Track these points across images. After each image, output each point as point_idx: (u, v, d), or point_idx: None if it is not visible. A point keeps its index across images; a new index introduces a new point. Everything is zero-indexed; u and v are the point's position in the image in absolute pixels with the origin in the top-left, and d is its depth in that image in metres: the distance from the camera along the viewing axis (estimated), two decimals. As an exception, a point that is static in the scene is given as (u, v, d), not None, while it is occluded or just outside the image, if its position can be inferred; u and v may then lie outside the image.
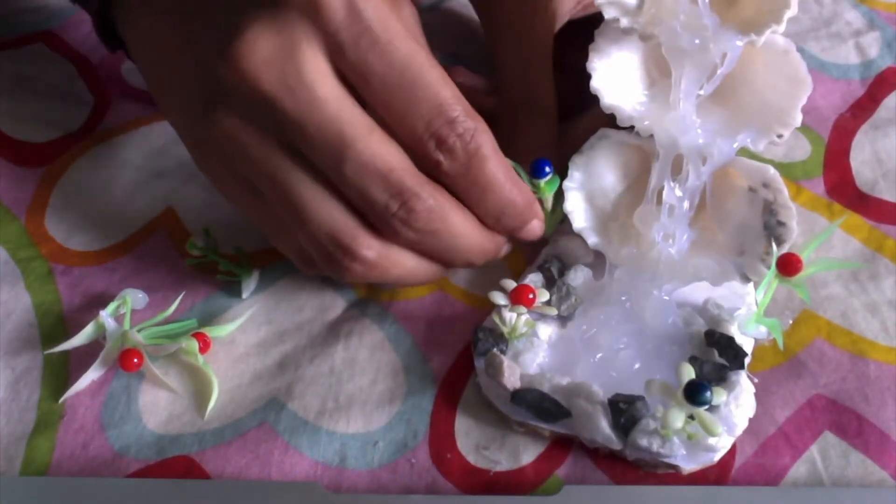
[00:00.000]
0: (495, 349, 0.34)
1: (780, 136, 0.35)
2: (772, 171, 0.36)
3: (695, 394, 0.29)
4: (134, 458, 0.33)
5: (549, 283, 0.36)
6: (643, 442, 0.30)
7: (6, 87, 0.48)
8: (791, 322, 0.36)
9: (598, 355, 0.34)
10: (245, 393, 0.35)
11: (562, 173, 0.37)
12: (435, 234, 0.32)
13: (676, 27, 0.34)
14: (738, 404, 0.32)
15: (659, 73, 0.37)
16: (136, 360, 0.34)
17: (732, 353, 0.33)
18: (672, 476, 0.32)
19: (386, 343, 0.36)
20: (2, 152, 0.44)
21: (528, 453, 0.33)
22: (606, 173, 0.38)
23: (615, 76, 0.36)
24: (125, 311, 0.36)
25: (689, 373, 0.31)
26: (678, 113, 0.35)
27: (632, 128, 0.36)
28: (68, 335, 0.35)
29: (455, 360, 0.35)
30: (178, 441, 0.33)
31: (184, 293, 0.38)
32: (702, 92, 0.35)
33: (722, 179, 0.36)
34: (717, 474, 0.32)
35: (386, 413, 0.34)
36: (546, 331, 0.35)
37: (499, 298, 0.34)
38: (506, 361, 0.33)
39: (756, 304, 0.35)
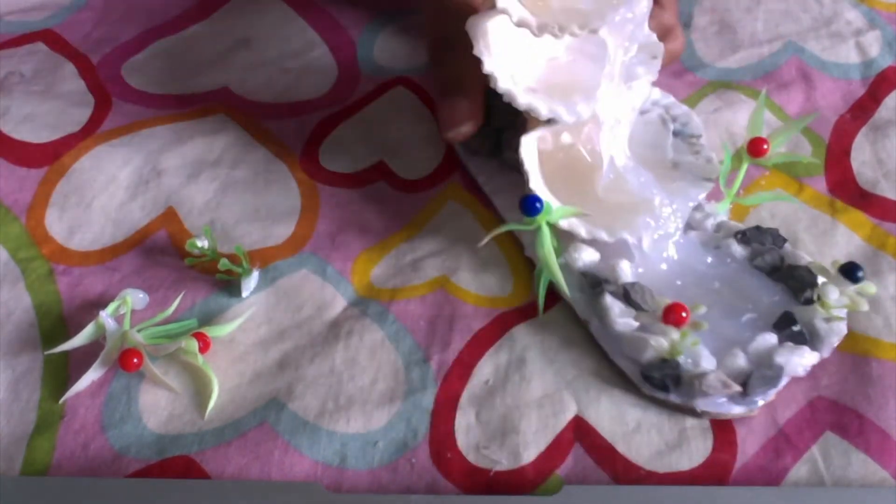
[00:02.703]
0: (683, 374, 0.33)
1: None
2: (655, 89, 0.39)
3: (851, 272, 0.34)
4: (134, 458, 0.33)
5: (624, 293, 0.35)
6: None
7: (6, 87, 0.48)
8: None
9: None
10: (245, 393, 0.35)
11: None
12: None
13: (613, 13, 0.33)
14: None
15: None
16: (136, 360, 0.34)
17: (799, 284, 0.35)
18: (672, 476, 0.32)
19: (386, 342, 0.36)
20: (2, 152, 0.44)
21: (528, 453, 0.33)
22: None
23: (507, 58, 0.36)
24: (125, 311, 0.36)
25: (831, 266, 0.34)
26: (614, 84, 0.36)
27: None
28: (68, 335, 0.35)
29: (455, 360, 0.35)
30: (179, 441, 0.33)
31: (184, 293, 0.38)
32: (631, 54, 0.36)
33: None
34: (718, 475, 0.32)
35: (386, 413, 0.34)
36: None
37: (660, 331, 0.33)
38: (720, 376, 0.32)
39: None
